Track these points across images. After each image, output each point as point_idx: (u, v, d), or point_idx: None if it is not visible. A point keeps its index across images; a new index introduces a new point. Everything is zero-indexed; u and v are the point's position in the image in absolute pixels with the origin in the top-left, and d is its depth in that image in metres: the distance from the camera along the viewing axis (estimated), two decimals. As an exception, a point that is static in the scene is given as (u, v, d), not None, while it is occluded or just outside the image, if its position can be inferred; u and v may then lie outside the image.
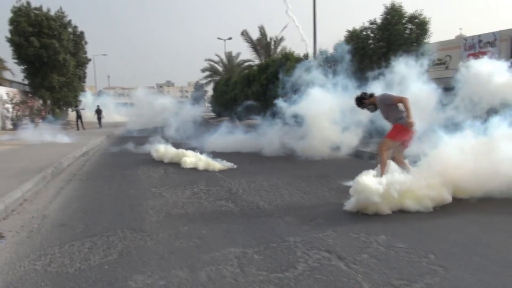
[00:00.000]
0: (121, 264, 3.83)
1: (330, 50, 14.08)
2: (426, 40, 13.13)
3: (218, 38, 42.28)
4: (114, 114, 38.79)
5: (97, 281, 3.47)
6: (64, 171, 10.05)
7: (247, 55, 33.40)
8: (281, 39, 30.50)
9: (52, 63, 26.45)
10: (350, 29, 14.96)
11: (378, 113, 6.69)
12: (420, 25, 13.01)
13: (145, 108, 27.75)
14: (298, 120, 10.87)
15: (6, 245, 4.47)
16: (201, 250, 4.13)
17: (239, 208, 5.81)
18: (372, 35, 13.63)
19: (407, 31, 12.95)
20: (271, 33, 32.48)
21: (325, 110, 10.05)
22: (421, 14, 13.07)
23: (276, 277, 3.41)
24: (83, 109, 30.12)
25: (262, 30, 30.67)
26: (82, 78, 31.98)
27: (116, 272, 3.66)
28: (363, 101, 6.52)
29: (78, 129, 26.52)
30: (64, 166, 10.54)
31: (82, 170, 10.00)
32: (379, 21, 13.69)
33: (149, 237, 4.62)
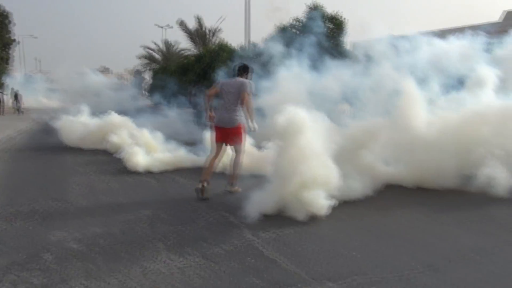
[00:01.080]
0: (43, 225, 4.36)
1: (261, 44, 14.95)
2: (342, 38, 14.50)
3: (156, 25, 41.74)
4: (43, 99, 36.92)
5: (21, 237, 3.99)
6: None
7: (185, 44, 33.40)
8: (218, 30, 31.03)
9: (-27, 43, 24.80)
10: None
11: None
12: (338, 25, 14.36)
13: (76, 91, 25.40)
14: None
15: None
16: (118, 213, 4.76)
17: (158, 181, 6.46)
18: (298, 32, 14.75)
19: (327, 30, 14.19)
20: (208, 24, 32.71)
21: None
22: (340, 16, 14.47)
23: (179, 229, 4.16)
24: (3, 93, 28.27)
25: (199, 21, 30.99)
26: (5, 60, 30.13)
27: (39, 230, 4.19)
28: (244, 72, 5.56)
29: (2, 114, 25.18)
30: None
31: (8, 152, 9.98)
32: (304, 19, 14.85)
33: (71, 205, 5.15)
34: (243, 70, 5.57)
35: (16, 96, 28.73)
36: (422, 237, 3.87)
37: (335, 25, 14.46)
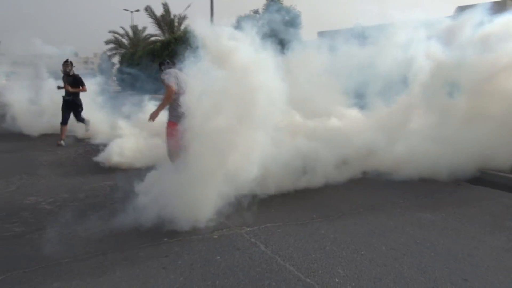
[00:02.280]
0: (18, 193, 5.16)
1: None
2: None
3: (125, 10, 41.40)
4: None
5: (1, 201, 4.78)
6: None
7: (152, 30, 33.51)
8: (185, 17, 31.40)
9: None
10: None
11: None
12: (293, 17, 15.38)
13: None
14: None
15: None
16: (84, 184, 5.59)
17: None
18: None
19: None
20: (175, 11, 32.97)
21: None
22: (295, 8, 15.50)
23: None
24: None
25: (166, 7, 31.23)
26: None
27: (15, 197, 4.99)
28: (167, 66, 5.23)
29: None
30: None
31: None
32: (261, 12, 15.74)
33: (42, 178, 5.93)
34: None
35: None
36: (326, 200, 4.90)
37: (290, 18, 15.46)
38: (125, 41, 39.68)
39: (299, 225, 4.04)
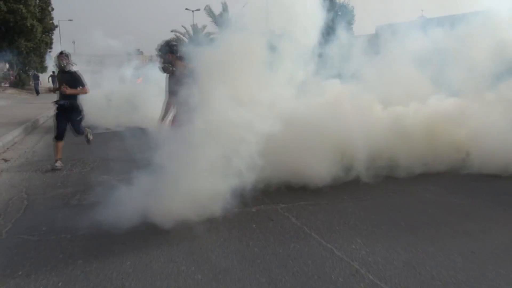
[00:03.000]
0: (94, 172, 6.08)
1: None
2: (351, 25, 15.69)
3: (186, 9, 43.32)
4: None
5: (79, 179, 5.72)
6: (41, 126, 11.97)
7: (211, 28, 34.81)
8: (242, 14, 32.24)
9: (19, 28, 27.23)
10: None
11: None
12: (346, 13, 15.56)
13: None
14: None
15: (11, 165, 6.61)
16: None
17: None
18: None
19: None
20: (233, 9, 33.95)
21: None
22: (348, 3, 15.64)
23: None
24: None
25: (224, 6, 32.29)
26: (49, 44, 32.70)
27: (91, 176, 5.91)
28: (170, 54, 4.75)
29: (37, 94, 27.46)
30: (40, 123, 12.43)
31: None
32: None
33: (112, 160, 6.86)
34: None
35: (53, 77, 31.09)
36: (360, 185, 5.25)
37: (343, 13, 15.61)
38: (186, 39, 41.51)
39: (330, 204, 4.48)
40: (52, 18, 32.82)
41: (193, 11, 44.34)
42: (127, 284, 2.79)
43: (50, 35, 32.93)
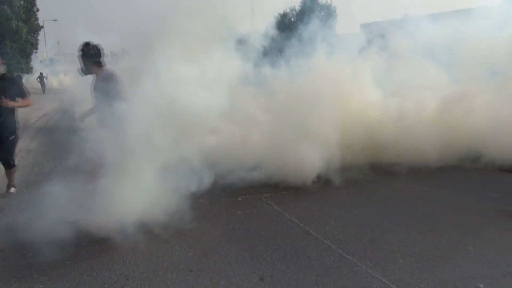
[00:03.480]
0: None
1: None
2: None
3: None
4: (65, 79, 39.18)
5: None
6: (32, 126, 12.19)
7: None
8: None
9: (4, 29, 27.09)
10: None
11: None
12: (328, 13, 15.97)
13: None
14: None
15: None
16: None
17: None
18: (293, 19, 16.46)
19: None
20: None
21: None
22: (331, 4, 16.09)
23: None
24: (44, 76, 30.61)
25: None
26: (34, 44, 32.53)
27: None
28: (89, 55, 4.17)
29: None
30: (31, 123, 12.64)
31: (46, 126, 12.16)
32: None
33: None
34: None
35: (41, 78, 31.05)
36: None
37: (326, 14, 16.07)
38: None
39: (310, 193, 4.92)
40: (37, 19, 32.64)
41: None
42: (127, 261, 3.17)
43: (35, 35, 32.77)
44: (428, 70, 7.16)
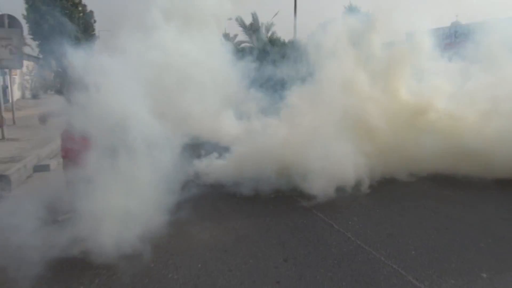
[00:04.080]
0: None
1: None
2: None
3: (218, 19, 44.80)
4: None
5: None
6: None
7: (242, 37, 35.96)
8: (271, 24, 33.33)
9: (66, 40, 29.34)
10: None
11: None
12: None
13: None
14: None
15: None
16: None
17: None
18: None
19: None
20: (263, 19, 35.07)
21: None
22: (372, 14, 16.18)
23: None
24: None
25: (254, 16, 33.47)
26: (90, 54, 34.86)
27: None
28: None
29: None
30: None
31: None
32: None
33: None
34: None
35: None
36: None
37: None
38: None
39: (340, 191, 5.22)
40: (94, 30, 34.98)
41: (225, 20, 45.80)
42: (171, 240, 3.73)
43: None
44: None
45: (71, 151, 3.93)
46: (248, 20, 34.74)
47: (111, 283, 3.02)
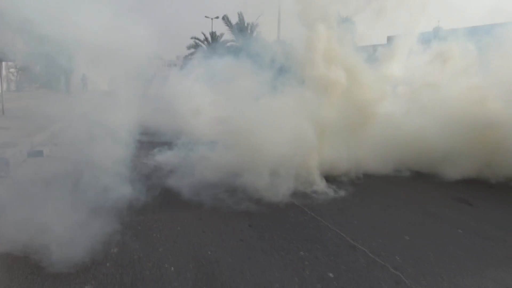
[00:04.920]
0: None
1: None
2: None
3: (206, 17, 45.43)
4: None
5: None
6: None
7: (228, 36, 36.70)
8: (256, 25, 34.10)
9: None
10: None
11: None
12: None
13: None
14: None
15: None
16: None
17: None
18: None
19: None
20: (248, 19, 35.85)
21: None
22: (350, 18, 17.11)
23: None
24: None
25: (240, 16, 34.21)
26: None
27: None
28: None
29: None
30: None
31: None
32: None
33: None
34: None
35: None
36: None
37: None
38: (204, 46, 43.57)
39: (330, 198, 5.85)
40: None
41: (212, 18, 46.44)
42: (156, 212, 4.42)
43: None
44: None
45: None
46: (234, 20, 35.52)
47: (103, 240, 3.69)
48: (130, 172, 5.27)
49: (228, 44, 39.20)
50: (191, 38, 44.24)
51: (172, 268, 3.22)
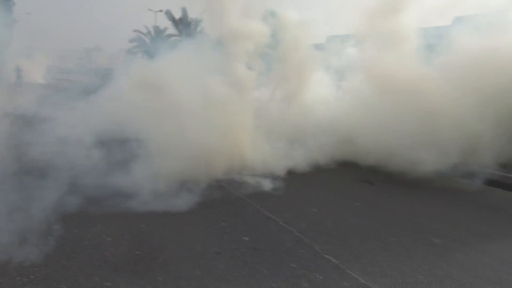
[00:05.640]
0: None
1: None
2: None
3: (149, 10, 44.64)
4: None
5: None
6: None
7: (172, 30, 36.55)
8: (200, 20, 34.30)
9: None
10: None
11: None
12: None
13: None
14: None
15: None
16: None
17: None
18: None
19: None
20: (193, 15, 35.96)
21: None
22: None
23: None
24: None
25: (184, 11, 34.22)
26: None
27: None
28: None
29: None
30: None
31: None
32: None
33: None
34: None
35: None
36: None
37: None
38: (147, 39, 42.86)
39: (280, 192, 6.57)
40: (12, 13, 33.17)
41: (155, 12, 45.72)
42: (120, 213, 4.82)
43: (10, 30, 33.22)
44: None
45: None
46: (177, 15, 35.40)
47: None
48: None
49: (172, 39, 39.02)
50: (134, 31, 43.34)
51: (109, 239, 3.71)
